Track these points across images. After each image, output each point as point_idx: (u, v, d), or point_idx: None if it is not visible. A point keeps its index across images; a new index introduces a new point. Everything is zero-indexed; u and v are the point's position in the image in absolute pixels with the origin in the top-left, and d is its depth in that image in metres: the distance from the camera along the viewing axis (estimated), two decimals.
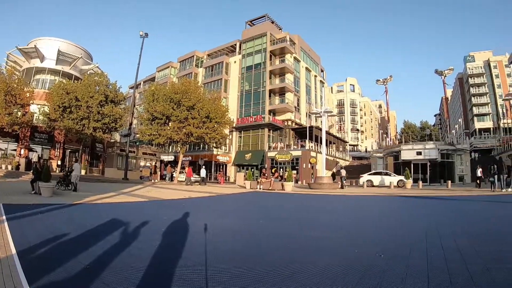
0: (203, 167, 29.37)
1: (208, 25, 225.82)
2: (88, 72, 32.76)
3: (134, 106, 31.68)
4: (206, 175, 29.43)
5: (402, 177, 24.80)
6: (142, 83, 58.95)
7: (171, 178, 29.29)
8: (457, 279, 2.79)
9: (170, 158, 41.38)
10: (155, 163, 37.93)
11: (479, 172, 20.70)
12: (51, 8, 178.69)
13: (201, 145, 36.79)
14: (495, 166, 17.28)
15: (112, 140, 36.20)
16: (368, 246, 4.39)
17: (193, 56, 51.51)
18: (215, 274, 3.00)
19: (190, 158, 41.20)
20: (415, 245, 4.33)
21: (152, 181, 28.07)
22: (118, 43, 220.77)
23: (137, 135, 33.04)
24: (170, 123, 27.11)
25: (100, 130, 26.41)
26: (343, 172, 24.06)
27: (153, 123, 27.03)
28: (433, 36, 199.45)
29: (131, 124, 29.66)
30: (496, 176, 16.65)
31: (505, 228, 5.98)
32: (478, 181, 20.59)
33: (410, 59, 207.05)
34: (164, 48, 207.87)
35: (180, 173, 29.80)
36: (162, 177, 31.21)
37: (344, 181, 23.64)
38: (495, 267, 3.12)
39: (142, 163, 38.27)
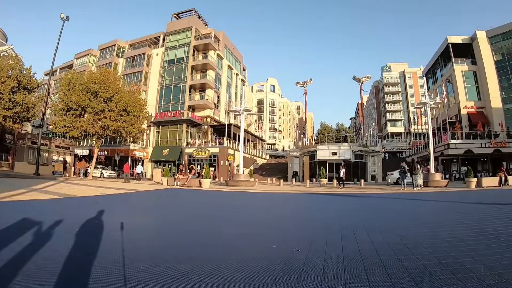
0: (140, 163, 32.03)
1: (133, 14, 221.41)
2: (1, 54, 31.59)
3: (49, 94, 31.76)
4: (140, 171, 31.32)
5: None
6: (58, 70, 58.47)
7: (86, 174, 29.90)
8: (373, 270, 3.22)
9: (85, 152, 42.17)
10: (69, 157, 38.89)
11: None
12: None
13: (118, 139, 38.20)
14: (406, 166, 20.39)
15: (23, 131, 35.91)
16: (285, 242, 4.84)
17: (114, 45, 53.03)
18: (134, 274, 3.11)
19: (105, 152, 42.06)
20: (330, 239, 4.84)
21: (65, 176, 28.44)
22: (36, 24, 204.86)
23: (50, 127, 32.36)
24: (85, 115, 27.76)
25: (11, 119, 26.19)
26: (246, 171, 29.56)
27: (67, 114, 27.39)
28: (354, 45, 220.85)
29: (44, 114, 29.62)
30: (414, 176, 19.10)
31: (412, 222, 7.16)
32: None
33: (330, 65, 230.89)
34: (85, 35, 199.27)
35: (95, 168, 30.69)
36: (76, 173, 31.87)
37: None
38: (405, 257, 3.68)
39: (55, 157, 38.85)
